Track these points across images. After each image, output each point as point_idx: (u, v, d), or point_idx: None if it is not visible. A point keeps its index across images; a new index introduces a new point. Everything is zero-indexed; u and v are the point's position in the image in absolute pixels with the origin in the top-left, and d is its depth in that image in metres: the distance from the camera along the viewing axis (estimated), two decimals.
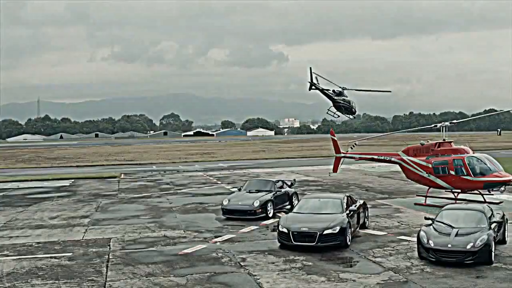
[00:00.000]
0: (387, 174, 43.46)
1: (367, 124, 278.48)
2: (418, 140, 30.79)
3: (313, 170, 49.90)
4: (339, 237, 17.57)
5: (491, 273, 14.62)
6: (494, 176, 24.69)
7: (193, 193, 34.12)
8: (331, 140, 34.04)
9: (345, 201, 19.54)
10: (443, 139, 27.48)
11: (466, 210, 17.25)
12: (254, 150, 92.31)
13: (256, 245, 18.62)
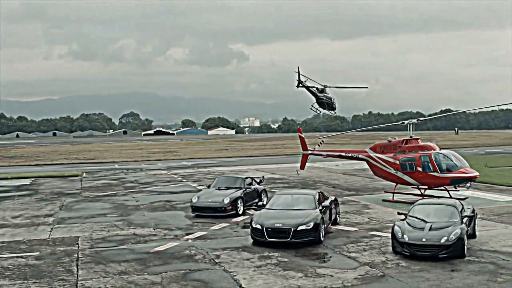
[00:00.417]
0: (351, 172, 43.80)
1: (327, 123, 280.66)
2: (379, 139, 31.15)
3: (277, 168, 49.91)
4: (313, 233, 17.50)
5: (465, 266, 14.77)
6: (460, 172, 25.08)
7: (159, 191, 33.64)
8: (299, 137, 34.15)
9: (318, 197, 19.52)
10: (410, 136, 27.80)
11: (438, 205, 17.43)
12: (217, 148, 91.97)
13: (229, 242, 18.40)
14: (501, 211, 23.15)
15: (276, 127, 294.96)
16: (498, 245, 17.14)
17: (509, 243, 17.36)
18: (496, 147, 79.78)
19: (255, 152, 77.75)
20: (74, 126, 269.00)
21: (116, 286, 13.58)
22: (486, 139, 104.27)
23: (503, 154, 62.84)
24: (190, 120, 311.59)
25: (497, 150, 70.40)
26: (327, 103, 27.58)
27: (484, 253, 16.07)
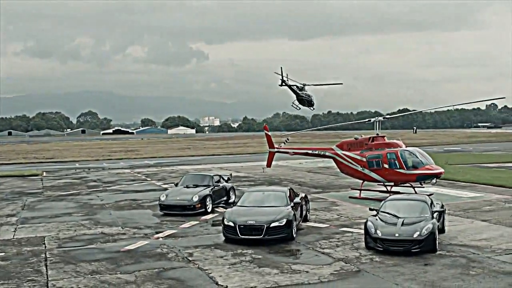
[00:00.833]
0: (316, 170, 44.05)
1: (287, 122, 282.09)
2: (340, 138, 31.43)
3: (241, 167, 49.81)
4: (286, 230, 17.47)
5: (437, 260, 14.97)
6: (426, 169, 25.46)
7: (124, 190, 33.11)
8: (265, 135, 34.14)
9: (289, 194, 19.51)
10: (377, 134, 28.08)
11: (409, 200, 17.63)
12: (179, 147, 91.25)
13: (200, 240, 18.21)
14: (466, 207, 23.60)
15: (237, 126, 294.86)
16: (466, 239, 17.44)
17: (477, 237, 17.68)
18: (454, 145, 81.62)
19: (217, 151, 77.48)
20: (30, 125, 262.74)
21: (89, 286, 13.25)
22: (444, 138, 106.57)
23: (461, 152, 64.29)
24: (149, 119, 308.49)
25: (455, 148, 72.00)
26: (307, 100, 28.78)
27: (454, 248, 16.33)
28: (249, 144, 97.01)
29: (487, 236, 17.85)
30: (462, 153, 61.24)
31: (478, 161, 48.05)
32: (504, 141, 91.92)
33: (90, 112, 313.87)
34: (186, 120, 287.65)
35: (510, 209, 22.90)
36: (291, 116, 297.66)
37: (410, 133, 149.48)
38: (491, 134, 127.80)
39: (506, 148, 71.73)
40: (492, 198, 26.18)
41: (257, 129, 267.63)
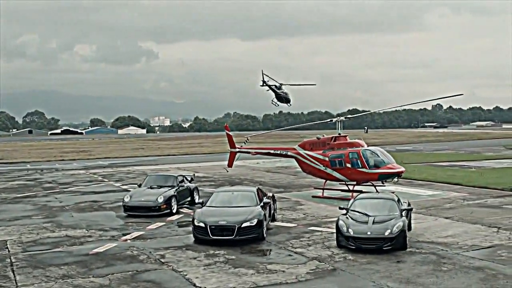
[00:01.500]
0: (274, 169, 44.24)
1: (238, 122, 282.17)
2: (293, 138, 31.65)
3: (199, 167, 49.51)
4: (257, 230, 17.45)
5: (408, 257, 15.25)
6: (387, 168, 25.90)
7: (82, 191, 32.38)
8: (226, 135, 34.03)
9: (257, 194, 19.51)
10: (339, 133, 28.40)
11: (378, 199, 17.89)
12: (132, 147, 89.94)
13: (170, 241, 17.99)
14: (427, 205, 24.14)
15: (188, 126, 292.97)
16: (433, 236, 17.85)
17: (443, 234, 18.12)
18: (405, 144, 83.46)
19: (172, 151, 76.76)
20: None
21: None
22: (395, 138, 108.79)
23: (413, 151, 65.81)
24: (99, 119, 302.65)
25: (407, 148, 73.67)
26: (284, 97, 29.96)
27: (422, 245, 16.67)
28: (204, 144, 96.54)
29: (452, 233, 18.31)
30: (414, 152, 62.70)
31: (431, 160, 49.33)
32: (452, 140, 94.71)
33: (36, 112, 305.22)
34: (136, 120, 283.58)
35: (469, 207, 23.56)
36: (242, 116, 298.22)
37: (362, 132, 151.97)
38: (439, 133, 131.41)
39: (455, 147, 73.92)
40: (451, 196, 26.88)
41: (209, 129, 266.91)
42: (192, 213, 23.36)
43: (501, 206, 23.40)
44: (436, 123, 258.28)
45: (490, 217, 20.98)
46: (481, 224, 19.59)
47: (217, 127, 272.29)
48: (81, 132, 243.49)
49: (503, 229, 18.67)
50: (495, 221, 20.12)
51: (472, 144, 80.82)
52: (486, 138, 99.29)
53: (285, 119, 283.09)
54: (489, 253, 15.52)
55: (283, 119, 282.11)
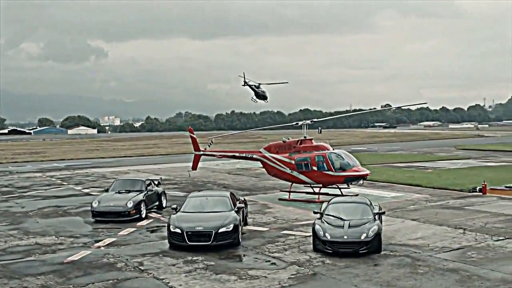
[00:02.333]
0: (235, 171, 44.34)
1: (190, 122, 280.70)
2: (248, 139, 31.86)
3: (158, 169, 49.15)
4: (233, 235, 17.55)
5: (384, 260, 15.66)
6: (353, 171, 26.41)
7: (43, 195, 31.67)
8: (190, 138, 33.93)
9: (231, 199, 19.61)
10: (304, 137, 28.76)
11: (351, 203, 18.27)
12: (87, 148, 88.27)
13: (145, 248, 17.86)
14: (392, 207, 24.74)
15: (139, 125, 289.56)
16: (404, 238, 18.36)
17: (413, 236, 18.66)
18: (359, 145, 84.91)
19: (128, 152, 75.78)
20: None
21: None
22: (349, 138, 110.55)
23: (368, 152, 67.00)
24: (47, 119, 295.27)
25: (361, 148, 74.87)
26: (262, 95, 31.82)
27: (395, 247, 17.13)
28: (159, 145, 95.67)
29: (422, 235, 18.87)
30: (370, 153, 63.85)
31: (387, 161, 50.42)
32: (404, 140, 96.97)
33: None
34: (87, 120, 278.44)
35: (433, 208, 24.31)
36: (194, 116, 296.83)
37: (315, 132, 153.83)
38: (391, 134, 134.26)
39: (408, 147, 75.77)
40: (413, 197, 27.64)
41: (161, 129, 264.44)
42: (161, 217, 23.41)
43: (463, 208, 24.22)
44: (386, 123, 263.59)
45: (454, 218, 21.70)
46: (447, 226, 20.26)
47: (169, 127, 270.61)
48: (29, 132, 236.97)
49: (469, 231, 19.36)
50: (460, 222, 20.84)
51: (423, 144, 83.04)
52: (436, 138, 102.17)
53: (238, 118, 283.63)
54: (459, 255, 16.09)
55: (235, 119, 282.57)
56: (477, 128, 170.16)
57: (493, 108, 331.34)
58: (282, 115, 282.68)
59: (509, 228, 19.64)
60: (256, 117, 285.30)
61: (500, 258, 15.65)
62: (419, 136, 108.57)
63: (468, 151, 63.76)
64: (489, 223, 20.66)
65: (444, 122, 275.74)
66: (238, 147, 65.38)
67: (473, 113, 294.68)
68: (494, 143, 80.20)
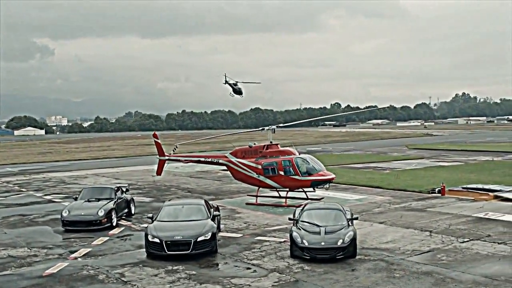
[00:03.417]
0: (196, 175, 44.44)
1: (141, 122, 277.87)
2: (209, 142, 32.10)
3: (117, 172, 48.75)
4: (211, 243, 17.83)
5: (360, 265, 16.25)
6: (319, 175, 27.01)
7: (4, 203, 31.03)
8: (155, 142, 33.83)
9: (206, 206, 19.87)
10: (270, 142, 29.20)
11: (325, 209, 18.80)
12: (39, 151, 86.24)
13: (123, 258, 17.91)
14: (358, 210, 25.46)
15: (88, 125, 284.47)
16: (375, 242, 19.04)
17: (383, 240, 19.37)
18: (314, 145, 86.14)
19: (82, 155, 74.58)
20: None
21: None
22: (303, 138, 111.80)
23: (323, 152, 68.12)
24: None
25: (316, 149, 76.03)
26: (239, 91, 34.92)
27: (368, 251, 17.78)
28: (113, 147, 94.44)
29: (391, 238, 19.61)
30: (325, 154, 64.89)
31: (345, 162, 51.45)
32: (357, 140, 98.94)
33: None
34: (33, 120, 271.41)
35: (396, 211, 25.19)
36: (145, 115, 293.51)
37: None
38: (343, 133, 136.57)
39: (361, 147, 77.40)
40: (376, 200, 28.52)
41: (110, 129, 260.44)
42: (132, 225, 23.44)
43: (425, 210, 25.19)
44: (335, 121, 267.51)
45: (419, 221, 22.59)
46: (413, 229, 21.09)
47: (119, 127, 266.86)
48: None
49: (435, 233, 20.23)
50: (425, 225, 21.72)
51: (376, 144, 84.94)
52: (387, 137, 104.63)
53: (189, 118, 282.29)
54: (430, 257, 16.87)
55: (186, 118, 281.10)
56: (425, 127, 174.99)
57: (438, 106, 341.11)
58: (233, 114, 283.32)
59: (472, 230, 20.62)
60: (208, 116, 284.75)
61: (468, 260, 16.49)
62: (371, 136, 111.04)
63: (420, 150, 65.73)
64: (452, 224, 21.62)
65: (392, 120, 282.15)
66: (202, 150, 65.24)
67: (420, 111, 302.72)
68: (443, 142, 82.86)
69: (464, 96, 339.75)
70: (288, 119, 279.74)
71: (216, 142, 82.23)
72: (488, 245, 18.24)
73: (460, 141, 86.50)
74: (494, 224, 21.60)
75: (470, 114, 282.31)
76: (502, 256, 16.88)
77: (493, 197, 27.62)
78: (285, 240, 19.29)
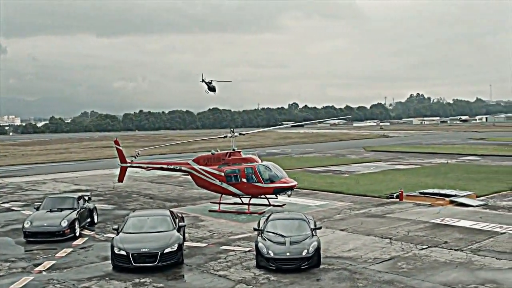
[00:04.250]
0: (157, 179, 44.25)
1: (97, 122, 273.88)
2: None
3: (77, 177, 48.11)
4: (178, 254, 17.99)
5: (325, 274, 16.71)
6: (282, 182, 27.41)
7: None
8: (116, 149, 33.57)
9: (172, 217, 19.99)
10: (233, 149, 29.45)
11: (290, 219, 19.18)
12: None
13: (88, 270, 17.87)
14: (319, 216, 25.98)
15: (42, 125, 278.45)
16: (337, 250, 19.55)
17: (346, 248, 19.90)
18: (273, 147, 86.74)
19: (39, 158, 73.07)
20: None
21: None
22: (261, 139, 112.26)
23: (283, 155, 68.72)
24: None
25: (275, 151, 76.71)
26: (213, 88, 35.92)
27: (331, 260, 18.25)
28: (71, 149, 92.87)
29: (353, 246, 20.16)
30: (285, 156, 65.47)
31: (304, 165, 52.10)
32: (316, 142, 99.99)
33: None
34: None
35: (357, 217, 25.83)
36: (101, 115, 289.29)
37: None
38: (302, 134, 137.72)
39: (320, 149, 78.39)
40: (337, 205, 29.14)
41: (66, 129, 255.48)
42: (95, 234, 23.34)
43: (385, 216, 25.92)
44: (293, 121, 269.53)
45: (379, 227, 23.25)
46: (374, 236, 21.72)
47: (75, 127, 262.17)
48: None
49: (395, 240, 20.89)
50: (385, 231, 22.38)
51: (334, 145, 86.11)
52: (346, 139, 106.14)
53: (146, 118, 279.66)
54: (391, 266, 17.46)
55: (143, 118, 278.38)
56: (381, 128, 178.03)
57: (393, 106, 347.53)
58: (191, 114, 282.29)
59: (430, 236, 21.38)
60: (165, 116, 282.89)
61: (427, 268, 17.15)
62: (329, 137, 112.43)
63: (377, 152, 67.06)
64: (411, 231, 22.35)
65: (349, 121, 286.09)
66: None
67: (376, 111, 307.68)
68: (400, 144, 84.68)
69: (418, 96, 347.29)
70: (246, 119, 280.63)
71: (177, 145, 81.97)
72: (446, 252, 18.98)
73: (416, 142, 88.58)
74: (451, 230, 22.44)
75: (424, 114, 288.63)
76: (459, 263, 17.61)
77: (449, 202, 28.61)
78: (250, 249, 19.60)
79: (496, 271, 16.73)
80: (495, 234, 21.45)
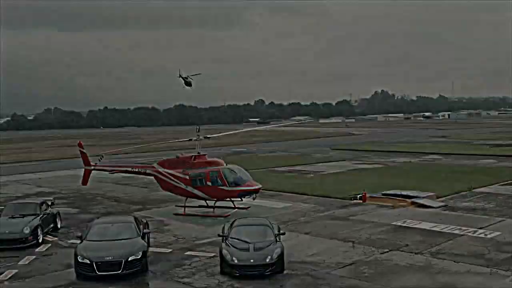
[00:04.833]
0: (122, 180, 43.79)
1: (62, 119, 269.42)
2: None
3: (40, 179, 47.42)
4: (142, 262, 18.00)
5: (288, 281, 16.97)
6: (246, 185, 27.61)
7: None
8: (80, 152, 33.32)
9: (136, 223, 19.97)
10: (198, 152, 29.51)
11: (253, 225, 19.37)
12: None
13: (52, 279, 17.75)
14: (284, 219, 26.24)
15: (4, 122, 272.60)
16: (301, 255, 19.81)
17: (309, 252, 20.18)
18: (239, 146, 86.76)
19: (0, 158, 71.54)
20: None
21: None
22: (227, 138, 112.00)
23: (248, 153, 68.87)
24: None
25: (241, 150, 76.88)
26: (190, 83, 36.71)
27: (295, 265, 18.50)
28: (33, 149, 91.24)
29: (317, 250, 20.46)
30: (250, 155, 65.65)
31: (269, 165, 52.15)
32: (281, 140, 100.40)
33: None
34: None
35: (321, 219, 26.20)
36: (65, 112, 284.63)
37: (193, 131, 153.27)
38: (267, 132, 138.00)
39: (286, 147, 78.90)
40: (302, 207, 29.46)
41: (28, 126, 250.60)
42: (59, 240, 23.15)
43: (348, 218, 26.33)
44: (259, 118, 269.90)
45: (342, 230, 23.64)
46: (337, 239, 22.08)
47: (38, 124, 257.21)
48: None
49: (357, 243, 21.28)
50: (348, 234, 22.77)
51: (301, 144, 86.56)
52: (312, 137, 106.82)
53: (111, 114, 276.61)
54: (353, 270, 17.84)
55: (108, 115, 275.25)
56: (347, 125, 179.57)
57: (359, 103, 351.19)
58: (157, 111, 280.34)
59: (391, 239, 21.84)
60: (131, 113, 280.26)
61: (388, 272, 17.56)
62: (295, 135, 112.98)
63: (342, 151, 67.72)
64: (373, 234, 22.79)
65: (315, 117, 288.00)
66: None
67: (341, 108, 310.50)
68: (364, 142, 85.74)
69: (383, 93, 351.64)
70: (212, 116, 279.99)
71: (143, 145, 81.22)
72: (406, 255, 19.44)
73: (380, 140, 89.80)
74: (412, 232, 22.95)
75: (388, 110, 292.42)
76: (419, 267, 18.08)
77: (411, 203, 29.22)
78: (214, 255, 19.70)
79: (454, 274, 17.24)
80: (454, 237, 22.04)
